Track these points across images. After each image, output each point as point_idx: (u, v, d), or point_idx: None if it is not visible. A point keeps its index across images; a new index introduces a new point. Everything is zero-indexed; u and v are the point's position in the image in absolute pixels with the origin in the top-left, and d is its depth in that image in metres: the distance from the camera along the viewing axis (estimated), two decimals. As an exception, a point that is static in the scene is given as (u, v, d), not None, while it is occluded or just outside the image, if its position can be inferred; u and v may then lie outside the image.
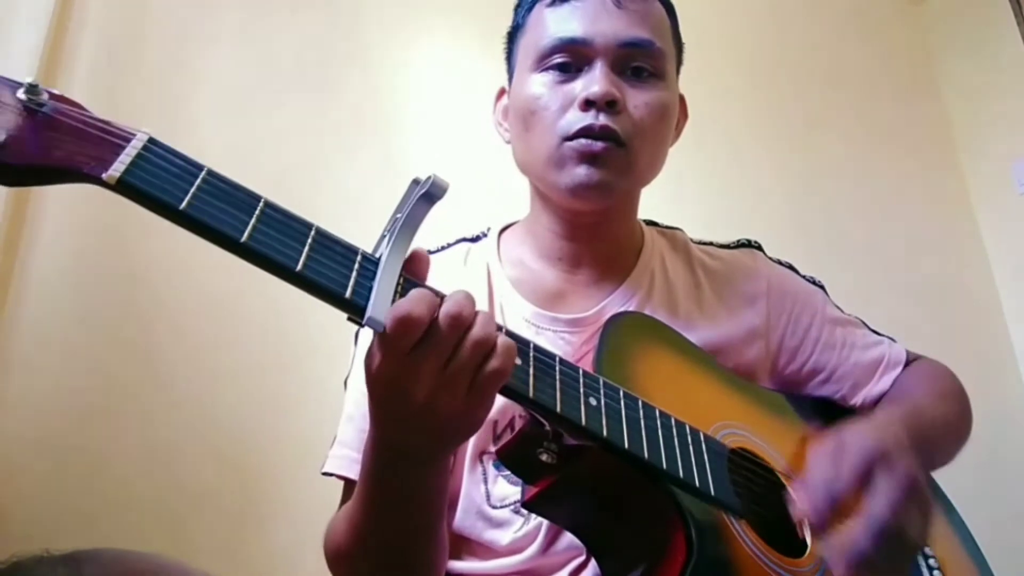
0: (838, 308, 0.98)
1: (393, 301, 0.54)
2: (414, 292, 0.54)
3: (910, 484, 0.65)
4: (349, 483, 0.82)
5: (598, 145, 0.79)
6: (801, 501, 0.67)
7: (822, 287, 0.98)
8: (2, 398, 1.22)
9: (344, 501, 0.83)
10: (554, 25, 0.83)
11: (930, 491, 0.69)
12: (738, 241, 1.00)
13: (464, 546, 0.82)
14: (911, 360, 0.96)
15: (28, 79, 0.48)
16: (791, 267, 0.99)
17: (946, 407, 0.89)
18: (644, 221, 0.97)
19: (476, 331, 0.54)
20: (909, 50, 2.24)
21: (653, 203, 0.96)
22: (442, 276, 0.87)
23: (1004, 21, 2.04)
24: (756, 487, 0.74)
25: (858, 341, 0.94)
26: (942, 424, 0.86)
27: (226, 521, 1.29)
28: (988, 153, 2.08)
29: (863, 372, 0.93)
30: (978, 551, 0.89)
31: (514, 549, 0.78)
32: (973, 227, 2.08)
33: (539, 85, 0.83)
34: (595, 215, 0.86)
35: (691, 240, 0.98)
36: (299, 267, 0.51)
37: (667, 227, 1.00)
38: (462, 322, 0.53)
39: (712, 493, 0.66)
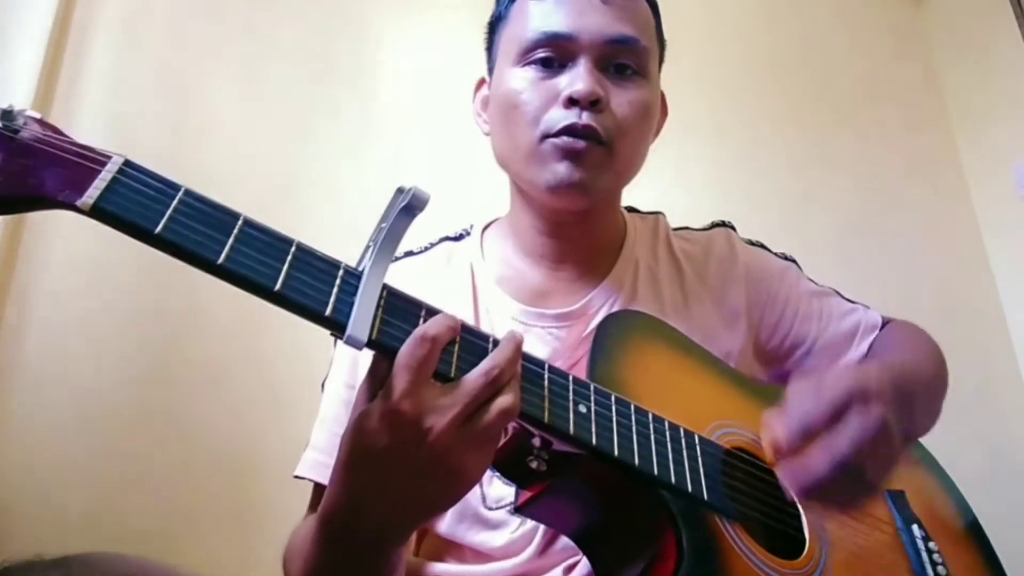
0: (812, 281, 0.99)
1: (375, 316, 0.53)
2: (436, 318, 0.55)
3: (879, 426, 0.64)
4: (318, 486, 0.82)
5: (580, 143, 0.78)
6: (774, 429, 0.65)
7: (794, 261, 1.00)
8: (4, 399, 1.23)
9: (312, 505, 0.83)
10: (538, 18, 0.81)
11: (901, 440, 0.67)
12: (712, 223, 1.00)
13: (455, 551, 0.81)
14: (885, 323, 0.98)
15: (3, 105, 0.47)
16: (762, 246, 1.01)
17: (924, 363, 0.90)
18: (624, 208, 0.96)
19: (506, 397, 0.55)
20: (909, 51, 2.21)
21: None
22: (426, 278, 0.88)
23: (1004, 22, 2.01)
24: (753, 487, 0.74)
25: (835, 310, 0.96)
26: (923, 380, 0.86)
27: (227, 526, 1.29)
28: (988, 154, 2.06)
29: (842, 341, 0.94)
30: (987, 543, 0.88)
31: (510, 552, 0.78)
32: (973, 227, 2.06)
33: (521, 80, 0.81)
34: (576, 215, 0.85)
35: (670, 227, 0.99)
36: (278, 286, 0.50)
37: (647, 212, 1.00)
38: (500, 380, 0.55)
39: (704, 497, 0.66)
